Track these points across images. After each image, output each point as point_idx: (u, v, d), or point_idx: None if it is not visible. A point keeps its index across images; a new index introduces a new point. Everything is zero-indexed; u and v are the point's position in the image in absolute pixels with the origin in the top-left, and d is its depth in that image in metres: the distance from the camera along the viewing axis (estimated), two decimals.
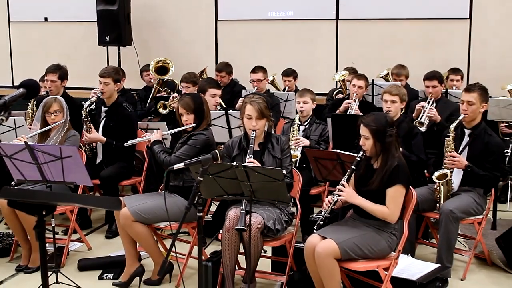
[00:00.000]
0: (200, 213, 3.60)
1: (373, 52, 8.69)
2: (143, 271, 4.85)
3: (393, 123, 4.27)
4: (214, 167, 3.88)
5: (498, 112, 6.86)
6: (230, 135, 5.88)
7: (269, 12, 9.13)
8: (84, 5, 9.30)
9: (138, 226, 4.64)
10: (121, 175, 5.93)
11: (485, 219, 5.11)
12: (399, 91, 5.54)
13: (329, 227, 4.21)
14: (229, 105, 6.65)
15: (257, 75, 7.35)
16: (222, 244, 4.41)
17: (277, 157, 4.61)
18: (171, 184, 4.89)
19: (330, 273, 3.99)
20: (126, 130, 5.83)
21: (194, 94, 5.38)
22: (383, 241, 4.12)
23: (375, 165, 4.23)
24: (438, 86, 6.57)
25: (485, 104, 5.08)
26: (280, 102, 7.12)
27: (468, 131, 5.09)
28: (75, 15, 9.59)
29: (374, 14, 8.75)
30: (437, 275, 4.56)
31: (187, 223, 4.73)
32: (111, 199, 3.17)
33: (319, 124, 6.01)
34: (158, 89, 7.70)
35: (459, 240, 5.47)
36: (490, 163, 4.95)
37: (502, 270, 5.15)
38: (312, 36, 9.01)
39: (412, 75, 7.62)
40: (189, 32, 9.40)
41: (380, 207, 4.09)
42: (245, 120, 4.60)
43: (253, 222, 4.23)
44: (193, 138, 4.87)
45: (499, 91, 7.40)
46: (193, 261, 4.87)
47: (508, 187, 6.91)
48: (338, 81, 7.70)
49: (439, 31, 8.60)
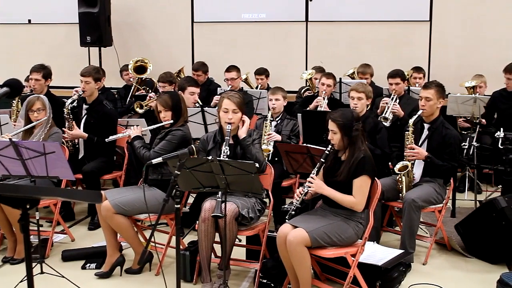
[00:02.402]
0: (178, 205, 3.60)
1: (340, 52, 8.75)
2: (124, 261, 4.83)
3: (359, 119, 4.29)
4: (190, 161, 3.87)
5: (457, 108, 6.96)
6: (206, 130, 5.89)
7: (243, 14, 9.14)
8: (66, 7, 9.22)
9: (119, 218, 4.62)
10: (102, 169, 5.88)
11: (445, 207, 5.17)
12: (365, 88, 5.58)
13: (300, 216, 4.22)
14: (205, 103, 6.64)
15: (231, 74, 7.34)
16: (199, 234, 4.40)
17: None
18: (150, 177, 4.88)
19: (301, 260, 4.01)
20: (107, 126, 5.78)
21: (172, 92, 5.38)
22: (351, 229, 4.14)
23: (343, 157, 4.24)
24: (401, 83, 6.63)
25: (442, 100, 5.13)
26: (253, 100, 7.12)
27: (427, 125, 5.15)
28: (58, 18, 9.51)
29: (342, 16, 8.80)
30: (401, 260, 4.59)
31: (166, 214, 4.73)
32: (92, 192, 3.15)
33: (290, 120, 6.03)
34: (137, 87, 7.65)
35: (421, 227, 5.53)
36: (448, 154, 5.01)
37: (460, 254, 5.22)
38: (283, 37, 9.04)
39: (377, 73, 7.68)
40: (167, 33, 9.37)
41: (347, 197, 4.11)
42: (222, 114, 4.60)
43: (228, 210, 4.24)
44: (171, 134, 4.86)
45: (458, 88, 7.49)
46: (172, 251, 4.83)
47: (466, 177, 6.99)
48: (306, 80, 7.71)
49: (402, 33, 8.68)
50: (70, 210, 6.21)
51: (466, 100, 6.90)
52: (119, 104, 7.62)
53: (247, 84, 8.36)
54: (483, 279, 4.70)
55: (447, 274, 4.85)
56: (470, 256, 5.15)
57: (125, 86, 8.19)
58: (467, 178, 6.99)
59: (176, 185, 3.58)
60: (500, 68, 6.95)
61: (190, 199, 5.94)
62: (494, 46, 8.30)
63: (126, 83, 8.23)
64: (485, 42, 8.38)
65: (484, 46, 8.37)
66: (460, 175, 7.10)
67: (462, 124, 7.28)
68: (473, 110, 6.87)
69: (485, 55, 8.30)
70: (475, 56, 8.37)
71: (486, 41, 8.37)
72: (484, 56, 8.30)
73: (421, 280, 4.67)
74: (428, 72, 8.46)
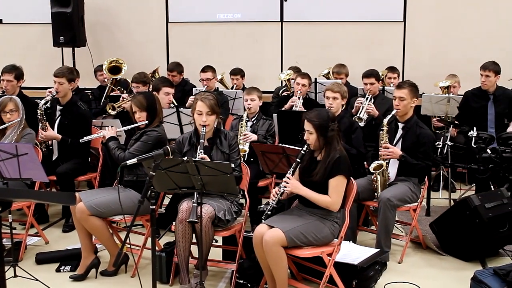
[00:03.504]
0: (153, 206, 3.58)
1: (315, 52, 8.78)
2: (99, 263, 4.79)
3: (335, 119, 4.30)
4: (165, 162, 3.85)
5: (431, 107, 7.03)
6: (181, 131, 5.87)
7: (218, 14, 9.13)
8: (39, 7, 9.12)
9: (93, 219, 4.58)
10: (76, 171, 5.82)
11: (419, 206, 5.21)
12: (340, 88, 5.60)
13: (276, 216, 4.22)
14: (180, 103, 6.60)
15: (206, 74, 7.31)
16: (176, 235, 4.39)
17: (225, 152, 4.60)
18: (125, 179, 4.85)
19: (277, 260, 4.01)
20: (81, 127, 5.73)
21: (147, 93, 5.36)
22: (327, 229, 4.16)
23: (319, 157, 4.26)
24: (375, 83, 6.67)
25: (415, 100, 5.18)
26: (228, 100, 7.11)
27: (402, 124, 5.20)
28: (30, 17, 9.41)
29: (317, 17, 8.84)
30: (377, 259, 4.62)
31: (141, 216, 4.69)
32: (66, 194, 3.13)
33: (265, 120, 6.04)
34: (112, 88, 7.59)
35: (396, 226, 5.56)
36: (422, 154, 5.06)
37: (435, 252, 5.27)
38: (259, 37, 9.05)
39: (352, 73, 7.72)
40: (141, 33, 9.32)
41: (323, 196, 4.12)
42: (196, 116, 4.58)
43: (205, 213, 4.23)
44: (146, 134, 4.84)
45: (432, 88, 7.57)
46: (147, 252, 4.79)
47: (440, 176, 7.07)
48: (283, 80, 7.73)
49: (376, 33, 8.74)
50: (44, 212, 6.14)
51: (440, 100, 6.98)
52: (93, 105, 7.54)
53: (222, 84, 8.36)
54: (457, 276, 4.75)
55: (422, 272, 4.90)
56: (445, 254, 5.21)
57: (99, 87, 8.12)
58: (442, 177, 7.06)
59: (151, 186, 3.56)
60: (473, 68, 7.03)
61: (166, 200, 5.91)
62: (467, 46, 8.41)
63: (101, 83, 8.16)
64: (458, 42, 8.47)
65: (457, 46, 8.47)
66: (434, 174, 7.17)
67: (436, 123, 7.36)
68: (447, 110, 6.95)
69: (458, 55, 8.40)
70: (449, 56, 8.47)
71: (460, 41, 8.47)
72: (457, 56, 8.40)
73: (397, 278, 4.70)
74: (402, 72, 8.54)
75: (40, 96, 6.41)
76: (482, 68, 6.63)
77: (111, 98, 7.21)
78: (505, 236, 5.02)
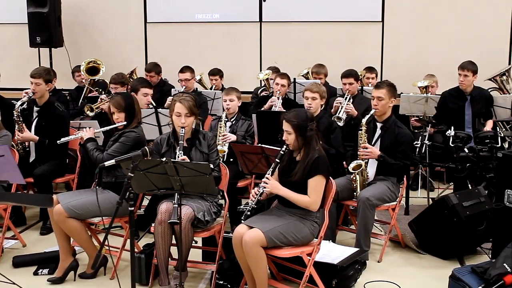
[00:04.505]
0: (132, 207, 3.58)
1: (294, 53, 8.81)
2: (77, 265, 4.76)
3: (314, 119, 4.32)
4: (144, 163, 3.84)
5: (409, 107, 7.09)
6: (160, 132, 5.86)
7: (196, 14, 9.12)
8: (15, 7, 9.03)
9: (71, 222, 4.55)
10: (54, 172, 5.78)
11: (398, 205, 5.26)
12: (319, 88, 5.63)
13: (255, 217, 4.23)
14: (159, 104, 6.58)
15: (185, 74, 7.30)
16: (155, 237, 4.37)
17: (204, 152, 4.61)
18: (103, 180, 4.82)
19: (257, 261, 4.02)
20: (58, 129, 5.68)
21: (125, 94, 5.35)
22: (306, 229, 4.18)
23: (298, 157, 4.27)
24: (354, 83, 6.71)
25: (394, 99, 5.24)
26: (207, 100, 7.11)
27: (380, 124, 5.24)
28: (6, 17, 9.32)
29: (295, 17, 8.87)
30: (356, 258, 4.65)
31: (120, 217, 4.67)
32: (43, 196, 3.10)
33: (245, 120, 6.05)
34: (90, 89, 7.55)
35: (376, 225, 5.61)
36: (400, 153, 5.11)
37: (414, 251, 5.32)
38: (237, 37, 9.06)
39: (331, 73, 7.75)
40: (119, 33, 9.28)
41: (302, 196, 4.14)
42: (174, 118, 4.58)
43: (184, 214, 4.22)
44: (124, 135, 4.82)
45: (410, 88, 7.63)
46: (126, 254, 4.77)
47: (419, 175, 7.14)
48: (262, 80, 7.75)
49: (355, 33, 8.80)
50: (21, 215, 6.08)
51: (418, 100, 7.04)
52: (71, 106, 7.51)
53: (201, 85, 8.35)
54: (436, 274, 4.80)
55: (402, 271, 4.94)
56: (424, 253, 5.26)
57: (77, 88, 8.08)
58: (420, 176, 7.13)
59: (130, 187, 3.55)
60: (450, 68, 7.12)
61: (145, 201, 5.89)
62: (445, 46, 8.50)
63: (78, 84, 8.12)
64: (436, 42, 8.56)
65: (435, 46, 8.55)
66: (413, 173, 7.23)
67: (414, 123, 7.43)
68: (425, 109, 7.02)
69: (436, 55, 8.49)
70: (426, 56, 8.55)
71: (437, 41, 8.55)
72: (435, 56, 8.49)
73: (376, 277, 4.74)
74: (381, 72, 8.61)
75: (17, 97, 6.34)
76: (460, 67, 6.69)
77: (89, 99, 7.15)
78: (482, 234, 5.09)
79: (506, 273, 4.10)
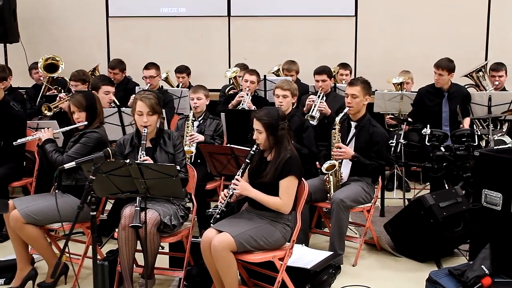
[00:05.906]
0: (94, 212, 3.54)
1: (265, 48, 8.84)
2: (36, 274, 4.69)
3: (285, 117, 4.34)
4: (106, 165, 3.81)
5: (384, 105, 7.16)
6: (123, 132, 5.82)
7: (161, 8, 9.09)
8: None
9: (29, 228, 4.49)
10: (10, 176, 5.70)
11: (373, 206, 5.31)
12: (290, 86, 5.65)
13: (225, 220, 4.23)
14: (123, 103, 6.54)
15: (149, 71, 7.26)
16: (119, 243, 4.34)
17: (169, 153, 4.60)
18: (63, 183, 4.77)
19: (227, 266, 4.02)
20: (14, 129, 5.59)
21: (86, 92, 5.30)
22: (278, 232, 4.19)
23: (269, 157, 4.28)
24: (327, 80, 6.73)
25: (368, 97, 5.28)
26: (174, 99, 7.09)
27: (354, 123, 5.28)
28: None
29: (265, 11, 8.91)
30: (330, 262, 4.67)
31: (81, 222, 4.63)
32: None
33: (213, 119, 6.04)
34: (48, 87, 7.47)
35: (350, 227, 5.65)
36: (375, 153, 5.15)
37: (390, 254, 5.38)
38: (205, 32, 9.05)
39: (303, 70, 7.79)
40: (79, 28, 9.19)
41: (273, 198, 4.15)
42: (136, 117, 4.56)
43: (149, 218, 4.20)
44: (85, 136, 4.78)
45: (385, 84, 7.71)
46: (89, 261, 4.73)
47: (394, 175, 7.21)
48: (230, 78, 7.75)
49: (328, 28, 8.86)
50: None
51: (393, 97, 7.12)
52: (28, 105, 7.41)
53: (167, 82, 8.33)
54: (412, 277, 4.85)
55: (377, 275, 4.99)
56: (400, 256, 5.32)
57: (34, 86, 7.97)
58: (395, 176, 7.21)
59: (92, 191, 3.52)
60: (426, 64, 7.19)
61: (108, 205, 5.84)
62: (420, 42, 8.61)
63: (36, 82, 8.02)
64: (411, 38, 8.67)
65: (410, 42, 8.67)
66: (388, 173, 7.31)
67: (389, 121, 7.51)
68: (400, 107, 7.09)
69: (411, 51, 8.60)
70: (401, 52, 8.66)
71: (412, 37, 8.67)
72: (410, 52, 8.59)
73: (351, 281, 4.77)
74: (355, 68, 8.68)
75: None
76: (435, 66, 6.71)
77: (47, 98, 7.08)
78: (460, 236, 5.16)
79: (484, 275, 4.17)
